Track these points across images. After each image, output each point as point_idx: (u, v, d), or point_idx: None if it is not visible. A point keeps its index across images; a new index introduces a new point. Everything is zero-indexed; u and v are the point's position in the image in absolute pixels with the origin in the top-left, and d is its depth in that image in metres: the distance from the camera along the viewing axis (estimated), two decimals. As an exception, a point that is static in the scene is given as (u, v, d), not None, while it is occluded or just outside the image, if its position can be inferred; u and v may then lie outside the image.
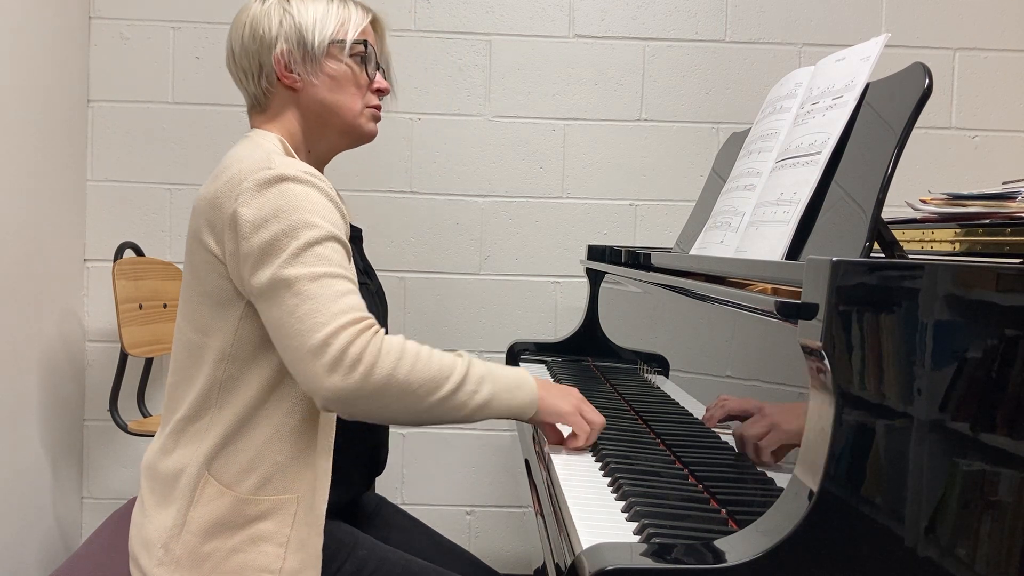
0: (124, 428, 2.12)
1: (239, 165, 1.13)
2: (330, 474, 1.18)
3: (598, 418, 1.22)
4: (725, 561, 0.76)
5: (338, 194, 1.19)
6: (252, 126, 1.30)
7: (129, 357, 2.13)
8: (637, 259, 1.71)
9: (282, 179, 1.10)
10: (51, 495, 2.22)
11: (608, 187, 2.40)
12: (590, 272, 2.06)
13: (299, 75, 1.25)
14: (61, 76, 2.20)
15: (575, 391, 1.25)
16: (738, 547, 0.78)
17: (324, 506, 1.17)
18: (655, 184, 2.40)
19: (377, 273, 1.52)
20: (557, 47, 2.38)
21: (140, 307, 2.15)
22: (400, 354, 1.07)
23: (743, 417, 1.05)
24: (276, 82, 1.26)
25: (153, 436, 1.26)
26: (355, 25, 1.28)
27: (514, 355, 2.01)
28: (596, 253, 2.07)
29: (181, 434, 1.17)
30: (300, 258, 1.07)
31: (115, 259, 2.14)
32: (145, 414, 2.24)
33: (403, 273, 2.38)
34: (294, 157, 1.20)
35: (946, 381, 0.78)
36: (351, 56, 1.28)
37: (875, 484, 0.78)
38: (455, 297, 2.40)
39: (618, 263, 1.87)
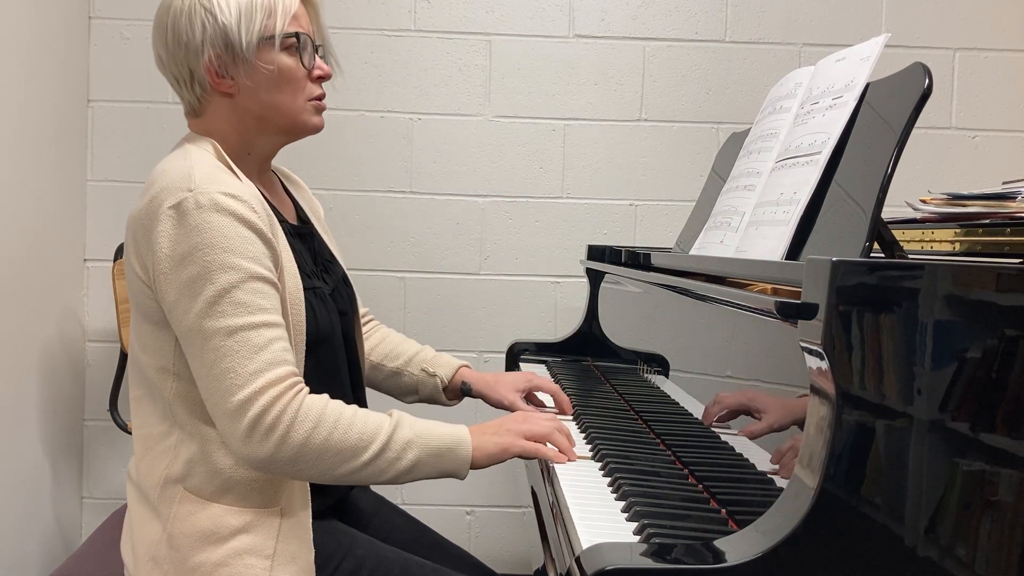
0: (124, 428, 2.13)
1: (163, 181, 1.10)
2: (309, 487, 1.17)
3: (544, 427, 1.19)
4: (725, 561, 0.76)
5: (271, 205, 1.13)
6: (189, 127, 1.26)
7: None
8: (637, 259, 1.71)
9: (197, 208, 1.06)
10: (51, 495, 2.22)
11: (608, 187, 2.40)
12: (590, 272, 2.06)
13: (233, 79, 1.18)
14: (61, 76, 2.20)
15: (512, 416, 1.22)
16: (738, 547, 0.78)
17: (310, 520, 1.16)
18: (655, 184, 2.40)
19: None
20: (557, 47, 2.38)
21: (140, 307, 2.15)
22: (317, 420, 1.06)
23: (741, 412, 1.05)
24: (210, 88, 1.20)
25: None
26: (284, 12, 1.19)
27: (514, 355, 2.01)
28: (596, 253, 2.07)
29: (151, 449, 1.16)
30: (217, 307, 1.05)
31: (115, 259, 2.13)
32: (145, 414, 2.24)
33: (403, 273, 2.38)
34: (228, 165, 1.16)
35: (946, 381, 0.78)
36: (284, 50, 1.20)
37: (875, 484, 0.78)
38: (455, 297, 2.39)
39: (618, 263, 1.87)
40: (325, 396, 1.10)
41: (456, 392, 1.50)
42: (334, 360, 1.29)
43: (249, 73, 1.18)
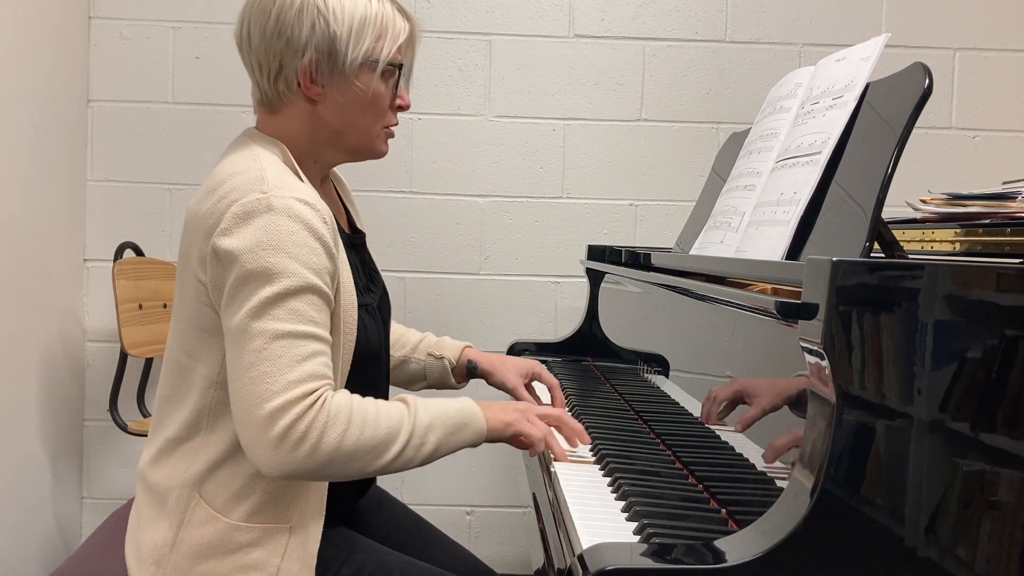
0: (124, 428, 2.13)
1: (232, 182, 1.08)
2: (324, 505, 1.17)
3: (542, 427, 1.19)
4: (725, 561, 0.76)
5: (331, 211, 1.11)
6: (257, 121, 1.23)
7: (129, 357, 2.13)
8: (637, 259, 1.71)
9: (269, 210, 1.04)
10: (51, 495, 2.22)
11: (608, 187, 2.40)
12: (590, 272, 2.06)
13: (323, 87, 1.16)
14: (61, 76, 2.20)
15: (514, 403, 1.23)
16: (738, 547, 0.78)
17: (316, 545, 1.15)
18: (655, 184, 2.40)
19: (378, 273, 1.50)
20: (557, 47, 2.38)
21: (140, 307, 2.15)
22: (347, 423, 1.04)
23: (738, 401, 1.05)
24: (295, 88, 1.16)
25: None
26: (393, 38, 1.18)
27: (514, 355, 2.01)
28: (596, 253, 2.07)
29: (172, 452, 1.15)
30: (269, 310, 1.03)
31: (115, 259, 2.14)
32: (145, 414, 2.24)
33: (403, 273, 2.38)
34: (294, 168, 1.15)
35: (946, 381, 0.79)
36: (381, 75, 1.18)
37: (875, 484, 0.78)
38: (455, 297, 2.39)
39: (618, 263, 1.87)
40: (345, 392, 1.08)
41: (463, 373, 1.50)
42: (377, 375, 1.28)
43: (342, 88, 1.16)
